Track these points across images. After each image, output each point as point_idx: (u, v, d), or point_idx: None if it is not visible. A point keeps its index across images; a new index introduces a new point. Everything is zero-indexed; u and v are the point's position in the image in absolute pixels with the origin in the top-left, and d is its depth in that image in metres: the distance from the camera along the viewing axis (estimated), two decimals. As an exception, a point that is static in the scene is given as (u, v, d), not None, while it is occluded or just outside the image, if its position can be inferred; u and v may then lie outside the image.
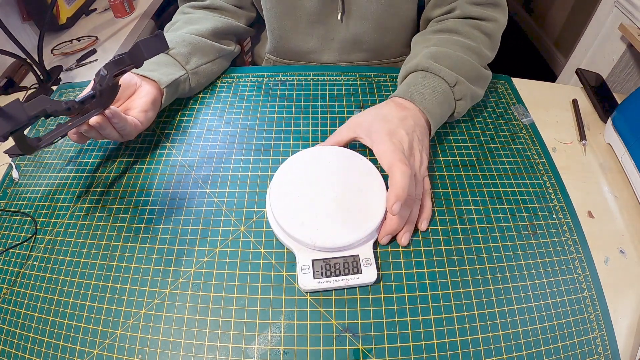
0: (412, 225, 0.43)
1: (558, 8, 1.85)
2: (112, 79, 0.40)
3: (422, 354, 0.37)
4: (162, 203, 0.48)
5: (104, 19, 1.06)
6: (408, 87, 0.48)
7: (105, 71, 0.38)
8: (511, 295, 0.41)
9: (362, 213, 0.41)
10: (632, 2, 1.00)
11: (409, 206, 0.42)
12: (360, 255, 0.40)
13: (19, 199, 0.51)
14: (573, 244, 0.45)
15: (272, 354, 0.37)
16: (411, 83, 0.49)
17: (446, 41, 0.53)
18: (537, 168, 0.51)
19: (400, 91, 0.49)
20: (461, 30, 0.54)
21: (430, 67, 0.49)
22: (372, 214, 0.41)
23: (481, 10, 0.55)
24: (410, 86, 0.49)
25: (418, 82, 0.49)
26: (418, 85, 0.48)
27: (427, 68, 0.49)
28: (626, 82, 1.10)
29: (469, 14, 0.55)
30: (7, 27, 0.66)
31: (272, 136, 0.54)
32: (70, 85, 0.68)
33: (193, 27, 0.59)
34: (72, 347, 0.39)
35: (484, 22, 0.56)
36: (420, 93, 0.48)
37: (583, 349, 0.39)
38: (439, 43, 0.53)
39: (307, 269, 0.40)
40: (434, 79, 0.49)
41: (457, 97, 0.50)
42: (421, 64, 0.49)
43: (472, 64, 0.51)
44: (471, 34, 0.54)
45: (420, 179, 0.44)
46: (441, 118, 0.49)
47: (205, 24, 0.60)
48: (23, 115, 0.33)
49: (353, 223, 0.41)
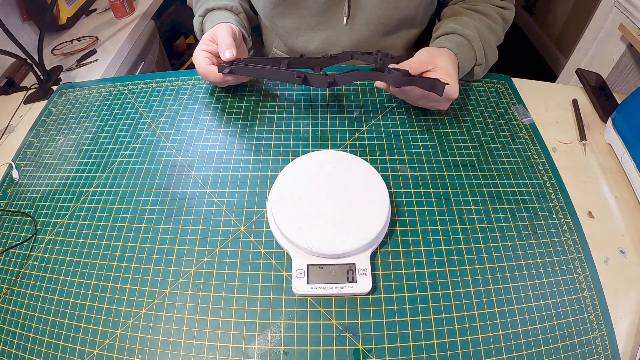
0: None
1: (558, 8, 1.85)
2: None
3: (422, 354, 0.37)
4: (162, 203, 0.48)
5: (104, 19, 1.06)
6: (457, 47, 0.55)
7: None
8: (511, 295, 0.41)
9: (361, 221, 0.41)
10: (632, 2, 1.00)
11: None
12: (357, 264, 0.40)
13: (19, 199, 0.51)
14: (573, 244, 0.45)
15: (272, 354, 0.37)
16: (460, 46, 0.56)
17: (477, 18, 0.60)
18: (537, 168, 0.51)
19: (453, 48, 0.55)
20: (489, 14, 0.61)
21: (475, 42, 0.57)
22: (372, 223, 0.41)
23: (504, 2, 0.63)
24: (459, 47, 0.56)
25: (464, 48, 0.56)
26: (464, 50, 0.56)
27: (472, 41, 0.57)
28: (626, 82, 1.09)
29: (494, 2, 0.63)
30: (7, 27, 0.66)
31: (272, 136, 0.54)
32: (71, 85, 0.68)
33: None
34: (72, 347, 0.39)
35: (505, 10, 0.63)
36: (463, 57, 0.56)
37: (583, 349, 0.39)
38: (470, 16, 0.60)
39: (301, 274, 0.40)
40: (471, 53, 0.57)
41: (470, 74, 0.60)
42: (471, 36, 0.57)
43: (494, 49, 0.60)
44: (497, 19, 0.62)
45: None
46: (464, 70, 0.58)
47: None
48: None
49: (352, 231, 0.40)
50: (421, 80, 0.47)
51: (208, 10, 0.62)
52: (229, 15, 0.61)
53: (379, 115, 0.56)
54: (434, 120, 0.55)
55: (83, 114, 0.60)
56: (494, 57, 0.61)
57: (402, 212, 0.46)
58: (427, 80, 0.46)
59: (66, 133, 0.58)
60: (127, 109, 0.59)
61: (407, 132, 0.54)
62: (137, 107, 0.60)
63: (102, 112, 0.60)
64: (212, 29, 0.57)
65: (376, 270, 0.42)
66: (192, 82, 0.62)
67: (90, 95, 0.63)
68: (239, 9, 0.64)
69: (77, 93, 0.65)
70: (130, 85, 0.64)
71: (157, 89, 0.62)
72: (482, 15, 0.60)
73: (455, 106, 0.58)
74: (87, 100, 0.63)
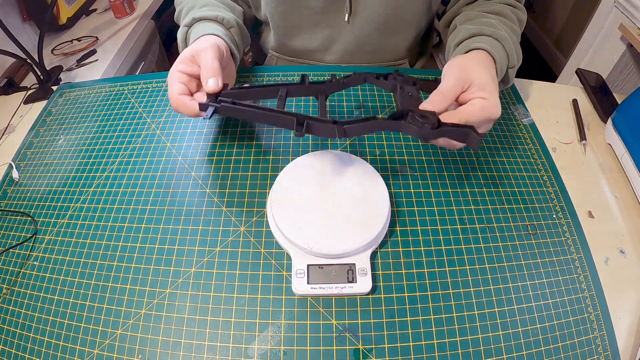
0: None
1: (558, 8, 1.85)
2: None
3: (422, 354, 0.37)
4: (162, 203, 0.48)
5: (104, 19, 1.06)
6: (491, 46, 0.49)
7: None
8: (511, 295, 0.41)
9: (361, 222, 0.41)
10: (632, 2, 1.00)
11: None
12: (357, 264, 0.40)
13: (19, 199, 0.51)
14: (573, 244, 0.45)
15: (272, 354, 0.37)
16: (493, 45, 0.49)
17: (499, 21, 0.54)
18: (537, 168, 0.51)
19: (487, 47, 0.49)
20: (507, 14, 0.57)
21: (505, 41, 0.50)
22: (372, 224, 0.41)
23: (515, 2, 0.59)
24: (492, 46, 0.49)
25: (497, 47, 0.50)
26: (498, 50, 0.49)
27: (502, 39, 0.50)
28: (626, 82, 1.09)
29: (508, 2, 0.58)
30: (7, 27, 0.66)
31: (272, 136, 0.54)
32: (71, 86, 0.68)
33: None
34: (72, 347, 0.39)
35: (519, 11, 0.58)
36: (499, 57, 0.49)
37: (583, 349, 0.39)
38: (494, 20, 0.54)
39: (301, 274, 0.40)
40: (504, 53, 0.50)
41: (504, 81, 0.53)
42: (500, 35, 0.50)
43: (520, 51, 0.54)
44: (514, 19, 0.57)
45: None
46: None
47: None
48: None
49: (352, 231, 0.40)
50: (452, 130, 0.38)
51: (195, 20, 0.54)
52: (219, 29, 0.53)
53: (379, 115, 0.56)
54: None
55: (83, 114, 0.60)
56: (520, 61, 0.54)
57: (402, 212, 0.46)
58: (459, 130, 0.38)
59: (66, 133, 0.58)
60: (127, 109, 0.59)
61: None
62: (137, 107, 0.60)
63: (102, 112, 0.60)
64: (195, 43, 0.48)
65: (376, 270, 0.42)
66: (192, 82, 0.62)
67: (90, 95, 0.63)
68: (231, 22, 0.56)
69: (77, 93, 0.65)
70: (130, 85, 0.64)
71: (157, 89, 0.62)
72: (501, 16, 0.56)
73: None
74: (87, 100, 0.63)
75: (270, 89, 0.46)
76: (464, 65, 0.44)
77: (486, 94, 0.42)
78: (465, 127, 0.38)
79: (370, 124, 0.39)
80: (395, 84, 0.46)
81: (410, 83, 0.46)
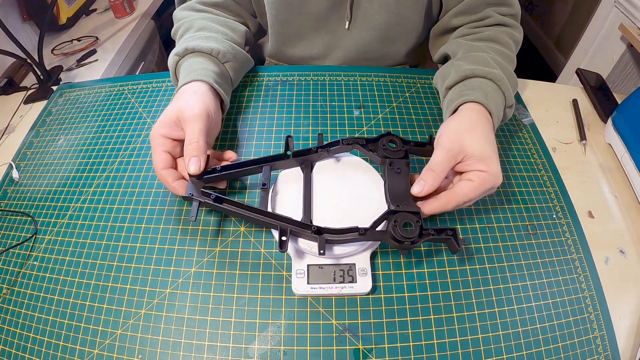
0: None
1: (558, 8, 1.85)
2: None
3: (422, 354, 0.37)
4: (162, 203, 0.48)
5: (104, 19, 1.06)
6: (485, 95, 0.46)
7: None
8: (511, 295, 0.41)
9: (361, 221, 0.41)
10: (632, 2, 1.00)
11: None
12: (357, 265, 0.40)
13: (19, 199, 0.51)
14: (573, 244, 0.45)
15: (272, 354, 0.37)
16: (487, 92, 0.46)
17: (492, 50, 0.52)
18: (537, 168, 0.51)
19: (481, 98, 0.45)
20: (501, 40, 0.54)
21: (502, 83, 0.47)
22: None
23: (510, 20, 0.57)
24: (487, 95, 0.46)
25: (492, 92, 0.46)
26: (493, 96, 0.46)
27: (497, 80, 0.47)
28: (626, 82, 1.09)
29: (503, 22, 0.56)
30: (7, 27, 0.66)
31: (272, 136, 0.54)
32: (71, 86, 0.68)
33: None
34: (72, 347, 0.39)
35: (514, 32, 0.56)
36: (495, 105, 0.46)
37: (583, 349, 0.39)
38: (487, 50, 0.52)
39: (301, 274, 0.40)
40: (500, 95, 0.47)
41: (501, 119, 0.48)
42: (495, 75, 0.47)
43: (515, 79, 0.51)
44: (509, 44, 0.54)
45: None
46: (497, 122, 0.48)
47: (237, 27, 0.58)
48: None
49: None
50: (434, 238, 0.38)
51: (188, 50, 0.50)
52: (210, 68, 0.49)
53: (379, 115, 0.56)
54: (434, 121, 0.55)
55: (83, 114, 0.60)
56: (516, 88, 0.51)
57: (402, 212, 0.46)
58: (440, 237, 0.38)
59: (66, 133, 0.58)
60: (127, 109, 0.59)
61: (407, 132, 0.54)
62: (137, 107, 0.60)
63: (102, 112, 0.60)
64: (182, 102, 0.44)
65: (376, 270, 0.42)
66: (192, 82, 0.62)
67: (90, 95, 0.63)
68: (227, 56, 0.52)
69: (77, 93, 0.65)
70: (130, 85, 0.64)
71: (157, 89, 0.62)
72: (494, 43, 0.53)
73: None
74: (87, 100, 0.63)
75: (252, 166, 0.44)
76: (457, 135, 0.41)
77: (484, 166, 0.40)
78: (447, 231, 0.38)
79: (352, 236, 0.38)
80: (384, 155, 0.43)
81: (401, 154, 0.43)
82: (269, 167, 0.44)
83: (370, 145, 0.45)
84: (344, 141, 0.45)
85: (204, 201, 0.41)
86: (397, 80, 0.61)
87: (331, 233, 0.39)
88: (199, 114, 0.43)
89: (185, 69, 0.49)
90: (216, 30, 0.55)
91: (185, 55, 0.51)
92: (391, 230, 0.37)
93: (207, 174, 0.43)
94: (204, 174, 0.43)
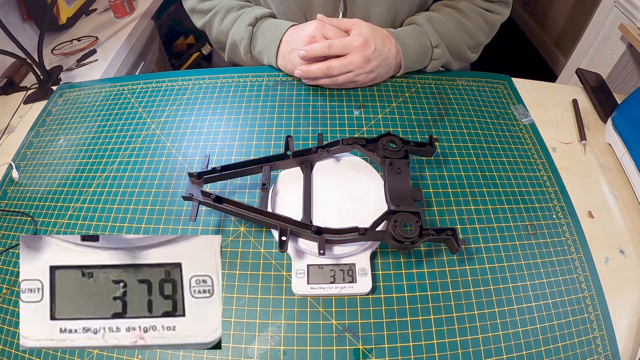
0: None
1: (558, 8, 1.85)
2: None
3: (422, 354, 0.37)
4: (162, 203, 0.48)
5: (104, 19, 1.06)
6: (400, 30, 0.58)
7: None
8: (511, 295, 0.41)
9: (362, 221, 0.41)
10: (632, 2, 1.00)
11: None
12: (357, 265, 0.40)
13: (19, 199, 0.51)
14: (573, 244, 0.45)
15: (272, 354, 0.37)
16: (404, 29, 0.59)
17: (448, 14, 0.61)
18: (537, 168, 0.51)
19: (393, 30, 0.58)
20: (466, 12, 0.62)
21: (424, 25, 0.59)
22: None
23: (491, 5, 0.64)
24: (402, 31, 0.58)
25: (409, 31, 0.59)
26: (408, 33, 0.58)
27: (421, 24, 0.59)
28: (626, 82, 1.09)
29: (480, 4, 0.63)
30: (7, 27, 0.66)
31: (272, 136, 0.54)
32: (71, 86, 0.68)
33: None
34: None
35: (489, 13, 0.63)
36: (406, 38, 0.57)
37: (583, 349, 0.39)
38: (441, 12, 0.62)
39: (301, 274, 0.40)
40: (422, 34, 0.58)
41: (434, 57, 0.60)
42: (417, 21, 0.60)
43: (459, 40, 0.60)
44: (474, 18, 0.62)
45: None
46: (412, 64, 0.59)
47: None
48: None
49: None
50: (434, 238, 0.39)
51: (258, 18, 0.61)
52: (282, 21, 0.60)
53: (379, 115, 0.56)
54: (434, 120, 0.55)
55: (83, 114, 0.60)
56: (463, 53, 0.61)
57: (402, 212, 0.46)
58: (440, 238, 0.39)
59: (66, 133, 0.58)
60: (127, 109, 0.59)
61: (407, 132, 0.54)
62: (137, 107, 0.60)
63: (102, 112, 0.60)
64: (314, 25, 0.56)
65: (376, 270, 0.42)
66: (192, 82, 0.62)
67: (90, 95, 0.63)
68: (274, 13, 0.64)
69: (77, 93, 0.65)
70: (130, 85, 0.64)
71: (157, 89, 0.62)
72: (456, 11, 0.61)
73: (455, 106, 0.58)
74: (87, 100, 0.63)
75: (252, 167, 0.44)
76: (359, 23, 0.56)
77: (357, 29, 0.54)
78: (447, 231, 0.38)
79: (351, 238, 0.38)
80: (384, 155, 0.43)
81: (401, 154, 0.43)
82: (269, 167, 0.44)
83: (370, 145, 0.45)
84: (344, 141, 0.45)
85: (204, 201, 0.41)
86: (397, 80, 0.61)
87: (331, 233, 0.39)
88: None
89: (269, 30, 0.60)
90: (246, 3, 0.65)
91: (257, 23, 0.61)
92: (391, 230, 0.38)
93: (207, 174, 0.43)
94: (204, 173, 0.43)
